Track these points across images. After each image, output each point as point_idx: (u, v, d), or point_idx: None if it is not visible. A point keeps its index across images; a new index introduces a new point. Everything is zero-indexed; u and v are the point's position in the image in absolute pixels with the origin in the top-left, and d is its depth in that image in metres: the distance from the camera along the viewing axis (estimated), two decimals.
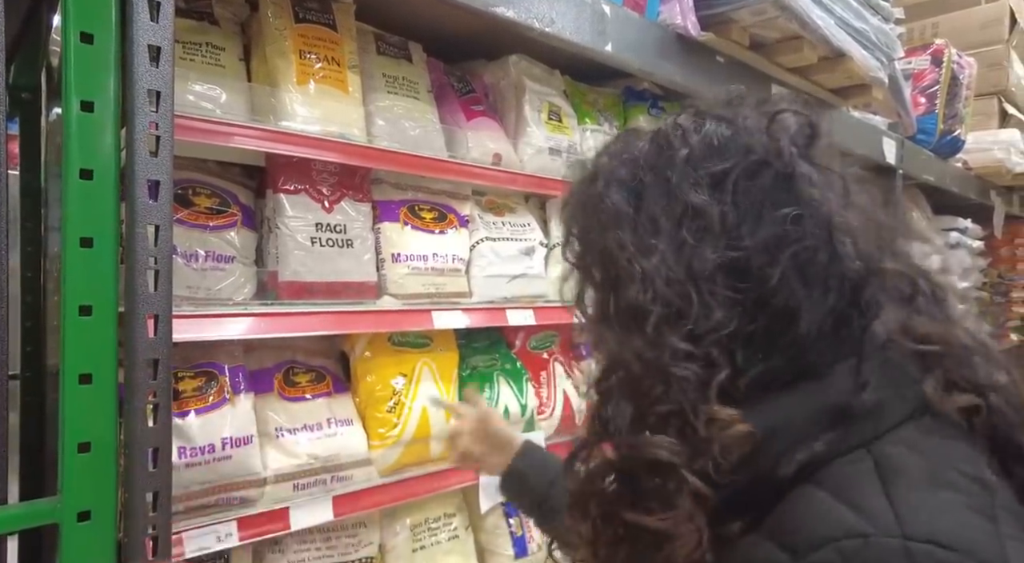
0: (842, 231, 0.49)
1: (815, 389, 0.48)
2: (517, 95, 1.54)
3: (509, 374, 1.49)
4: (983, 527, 0.42)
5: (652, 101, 1.82)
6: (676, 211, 0.50)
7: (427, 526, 1.35)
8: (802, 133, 0.54)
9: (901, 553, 0.41)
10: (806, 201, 0.49)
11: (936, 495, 0.43)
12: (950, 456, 0.46)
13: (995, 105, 3.95)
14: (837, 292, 0.49)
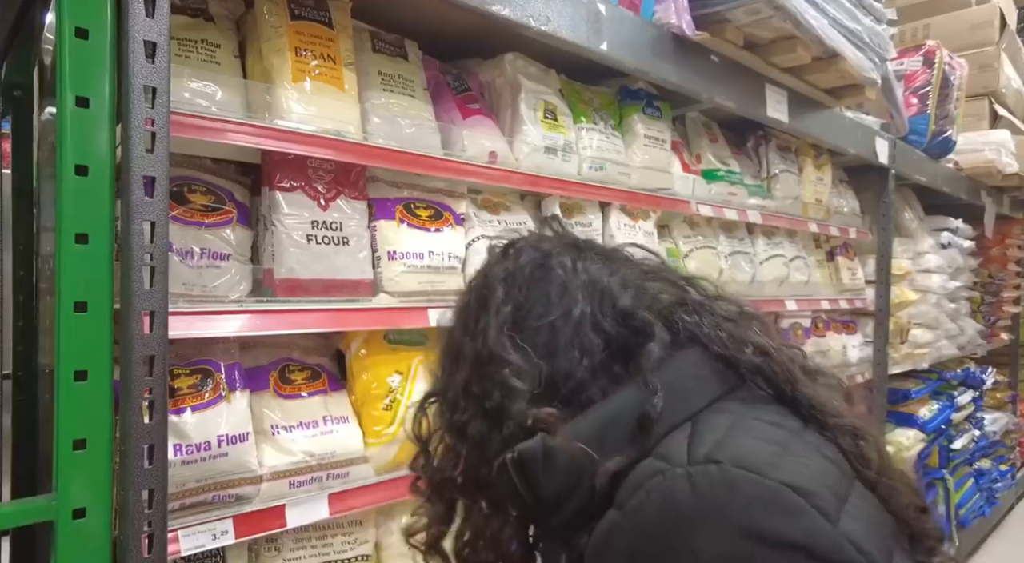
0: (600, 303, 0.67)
1: (618, 407, 0.60)
2: (513, 93, 1.54)
3: None
4: (762, 449, 0.52)
5: (647, 100, 1.83)
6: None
7: None
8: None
9: (684, 477, 0.50)
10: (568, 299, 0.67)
11: (728, 434, 0.54)
12: (753, 409, 0.58)
13: (986, 106, 3.98)
14: (606, 342, 0.65)
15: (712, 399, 0.59)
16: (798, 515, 0.47)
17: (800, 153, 2.48)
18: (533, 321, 0.66)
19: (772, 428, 0.56)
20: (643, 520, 0.51)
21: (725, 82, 1.85)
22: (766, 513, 0.47)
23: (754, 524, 0.47)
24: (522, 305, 0.67)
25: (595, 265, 0.70)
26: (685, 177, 1.93)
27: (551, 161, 1.54)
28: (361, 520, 1.26)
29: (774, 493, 0.47)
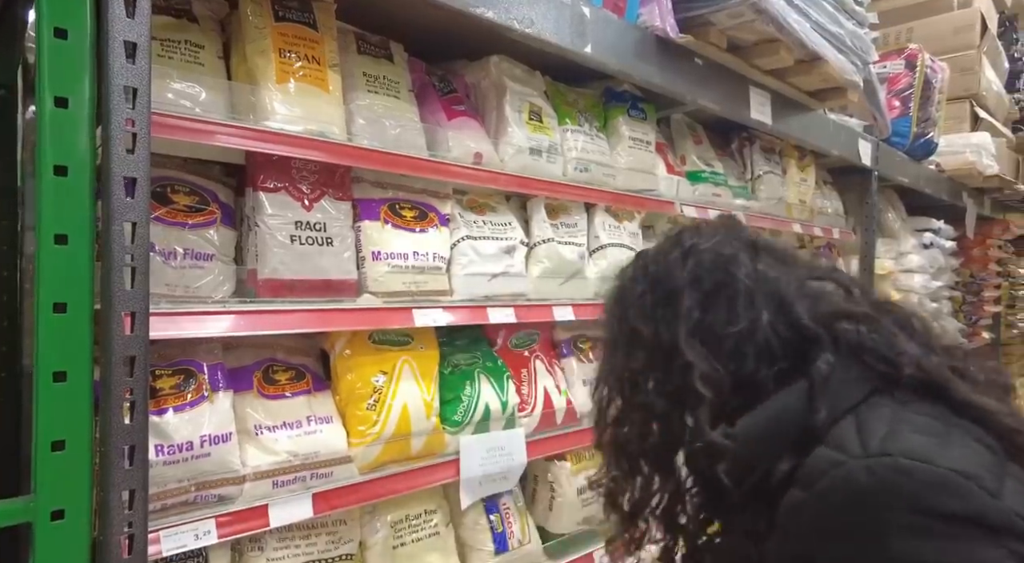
0: (785, 306, 0.73)
1: (783, 408, 0.69)
2: (498, 95, 1.55)
3: (490, 372, 1.50)
4: (927, 441, 0.59)
5: (632, 102, 1.84)
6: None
7: (408, 523, 1.35)
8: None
9: (864, 468, 0.58)
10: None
11: (892, 427, 0.61)
12: (910, 406, 0.65)
13: (967, 109, 4.04)
14: (781, 349, 0.72)
15: (868, 394, 0.67)
16: (967, 495, 0.54)
17: (784, 155, 2.51)
18: (719, 329, 0.73)
19: (929, 421, 0.63)
20: (830, 503, 0.60)
21: (709, 84, 1.87)
22: (939, 495, 0.55)
23: (930, 504, 0.55)
24: (709, 312, 0.74)
25: (772, 271, 0.76)
26: (670, 178, 1.95)
27: (536, 162, 1.55)
28: (345, 519, 1.27)
29: (943, 478, 0.55)
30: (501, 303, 1.47)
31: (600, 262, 1.72)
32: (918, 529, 0.55)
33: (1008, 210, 4.82)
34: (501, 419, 1.47)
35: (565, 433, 1.62)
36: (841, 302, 0.75)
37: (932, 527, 0.55)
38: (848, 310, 0.73)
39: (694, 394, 0.71)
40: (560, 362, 1.72)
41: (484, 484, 1.43)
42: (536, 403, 1.56)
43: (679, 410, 0.73)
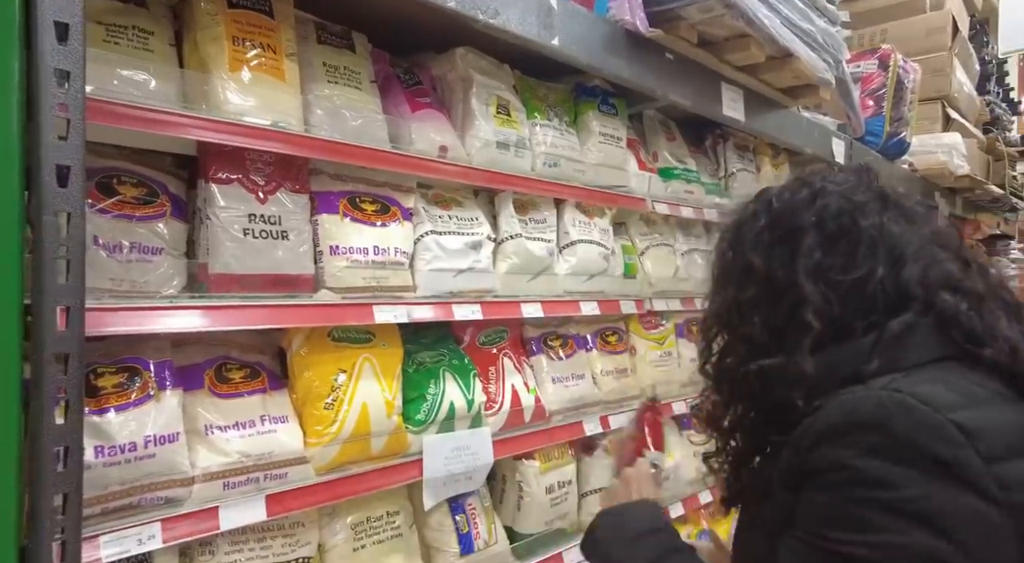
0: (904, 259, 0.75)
1: (847, 354, 0.73)
2: (464, 88, 1.52)
3: (456, 370, 1.47)
4: (948, 395, 0.62)
5: (603, 97, 1.83)
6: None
7: (369, 524, 1.32)
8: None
9: (873, 396, 0.64)
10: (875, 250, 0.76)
11: (927, 381, 0.65)
12: (970, 377, 0.67)
13: (939, 109, 4.09)
14: (884, 302, 0.74)
15: (929, 361, 0.70)
16: (956, 446, 0.58)
17: (758, 152, 2.51)
18: (836, 274, 0.75)
19: (973, 386, 0.66)
20: (832, 414, 0.66)
21: (680, 80, 1.86)
22: (927, 436, 0.59)
23: (918, 441, 0.59)
24: (829, 255, 0.75)
25: (897, 226, 0.77)
26: (641, 175, 1.94)
27: (504, 156, 1.53)
28: (303, 521, 1.23)
29: (939, 424, 0.59)
30: (467, 300, 1.45)
31: (570, 259, 1.70)
32: (890, 452, 0.60)
33: (979, 210, 4.90)
34: (467, 418, 1.44)
35: (534, 432, 1.59)
36: (954, 272, 0.75)
37: (902, 454, 0.59)
38: (955, 282, 0.74)
39: (802, 326, 0.74)
40: (530, 360, 1.70)
41: (448, 484, 1.41)
42: (504, 401, 1.54)
43: (778, 343, 0.76)
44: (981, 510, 0.57)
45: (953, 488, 0.57)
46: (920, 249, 0.76)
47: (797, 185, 0.83)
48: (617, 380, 1.85)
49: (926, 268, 0.75)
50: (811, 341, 0.73)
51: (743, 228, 0.84)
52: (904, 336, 0.71)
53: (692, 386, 2.11)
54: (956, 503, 0.57)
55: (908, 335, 0.71)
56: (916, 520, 0.57)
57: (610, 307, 1.82)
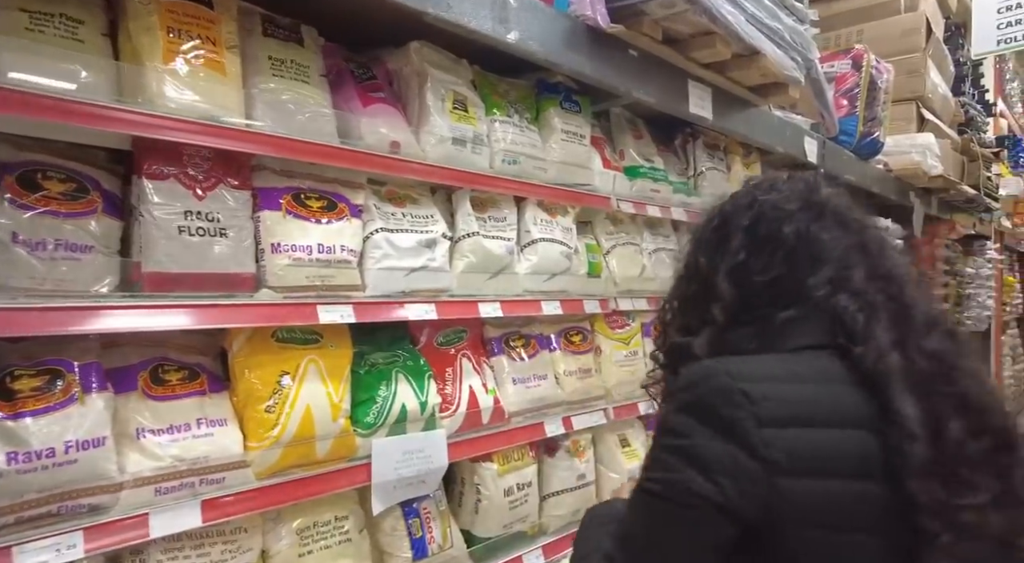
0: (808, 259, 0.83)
1: (734, 336, 0.83)
2: (419, 83, 1.49)
3: (410, 371, 1.44)
4: (758, 370, 0.74)
5: (565, 94, 1.80)
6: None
7: (316, 529, 1.29)
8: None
9: (699, 366, 0.76)
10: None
11: (759, 360, 0.77)
12: (811, 357, 0.77)
13: (914, 110, 4.12)
14: (784, 301, 0.83)
15: (797, 348, 0.78)
16: (735, 408, 0.70)
17: (729, 151, 2.50)
18: (754, 275, 0.83)
19: (806, 369, 0.75)
20: (676, 381, 0.79)
21: (645, 77, 1.84)
22: (718, 399, 0.71)
23: (711, 402, 0.72)
24: (752, 257, 0.83)
25: (827, 233, 0.83)
26: (606, 173, 1.92)
27: (460, 153, 1.50)
28: (246, 527, 1.20)
29: (730, 390, 0.71)
30: (421, 299, 1.42)
31: (531, 257, 1.68)
32: (689, 409, 0.73)
33: (955, 210, 4.94)
34: (420, 420, 1.41)
35: (492, 433, 1.57)
36: (857, 278, 0.80)
37: (696, 411, 0.72)
38: (854, 287, 0.80)
39: (710, 320, 0.84)
40: (490, 360, 1.67)
41: (400, 488, 1.38)
42: (460, 403, 1.51)
43: (687, 318, 0.89)
44: (742, 461, 0.68)
45: (724, 441, 0.69)
46: (841, 255, 0.82)
47: (744, 191, 0.91)
48: (581, 380, 1.83)
49: (838, 272, 0.81)
50: (713, 330, 0.84)
51: (701, 229, 0.92)
52: (785, 325, 0.80)
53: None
54: (723, 452, 0.69)
55: (790, 325, 0.80)
56: (691, 462, 0.70)
57: (573, 307, 1.80)
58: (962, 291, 5.42)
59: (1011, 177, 6.91)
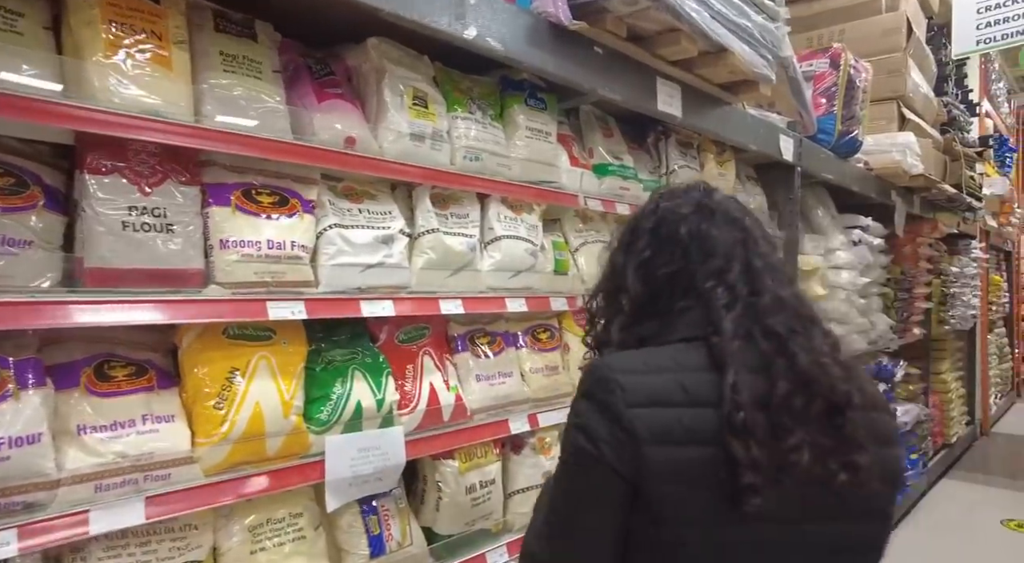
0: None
1: (643, 329, 0.96)
2: (378, 79, 1.49)
3: (368, 368, 1.44)
4: (635, 363, 0.88)
5: (530, 91, 1.80)
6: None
7: (269, 526, 1.28)
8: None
9: (592, 364, 0.91)
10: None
11: (638, 354, 0.91)
12: (680, 353, 0.89)
13: (895, 109, 4.14)
14: (680, 292, 0.95)
15: (682, 339, 0.91)
16: (610, 394, 0.85)
17: (702, 149, 2.50)
18: (657, 270, 0.96)
19: (672, 364, 0.88)
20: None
21: (611, 75, 1.84)
22: (599, 388, 0.86)
23: (594, 390, 0.87)
24: (655, 254, 0.96)
25: (717, 230, 0.95)
26: (573, 171, 1.92)
27: (419, 149, 1.50)
28: (196, 524, 1.19)
29: (608, 380, 0.85)
30: (378, 296, 1.41)
31: (494, 255, 1.67)
32: (582, 396, 0.89)
33: (938, 210, 4.95)
34: (376, 417, 1.40)
35: (453, 431, 1.56)
36: (732, 272, 0.92)
37: (586, 398, 0.88)
38: (728, 280, 0.92)
39: (618, 310, 0.99)
40: (454, 358, 1.67)
41: (355, 486, 1.37)
42: (419, 400, 1.50)
43: (605, 314, 1.04)
44: (615, 432, 0.84)
45: (602, 417, 0.85)
46: (727, 250, 0.94)
47: (650, 199, 1.04)
48: (547, 378, 1.83)
49: (722, 264, 0.93)
50: (624, 319, 0.97)
51: (621, 233, 1.05)
52: (675, 318, 0.94)
53: None
54: (600, 425, 0.85)
55: (678, 317, 0.93)
56: (581, 432, 0.87)
57: (539, 304, 1.79)
58: (946, 290, 5.45)
59: (997, 177, 6.95)
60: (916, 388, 4.83)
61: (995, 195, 6.65)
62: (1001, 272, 8.26)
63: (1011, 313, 8.64)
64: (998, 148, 7.65)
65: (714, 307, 0.90)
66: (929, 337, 5.03)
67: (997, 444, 6.41)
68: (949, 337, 5.96)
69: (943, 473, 5.27)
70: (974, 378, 6.48)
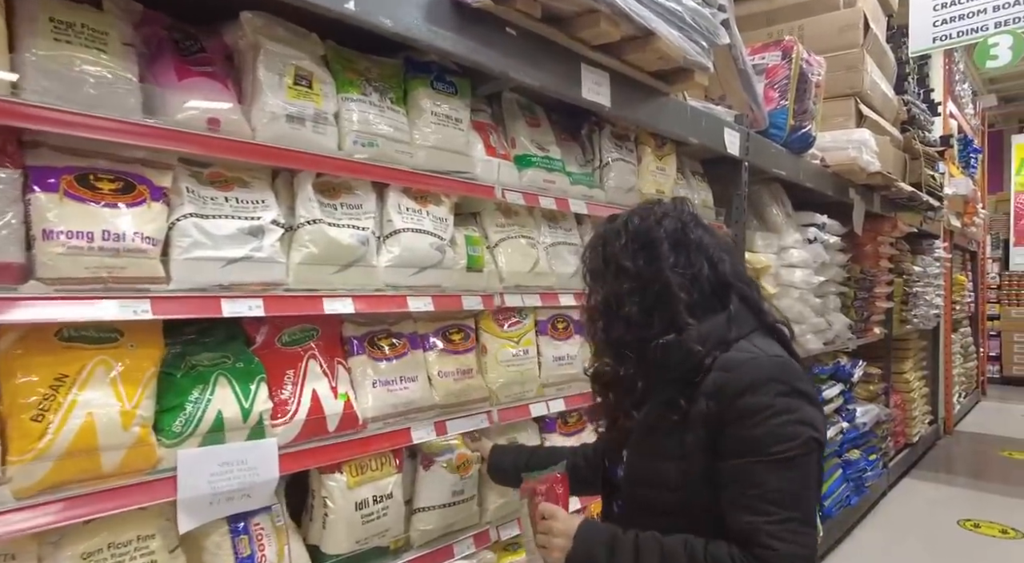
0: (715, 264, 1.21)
1: (714, 326, 1.17)
2: (253, 56, 1.36)
3: (237, 374, 1.30)
4: (783, 352, 1.17)
5: (437, 74, 1.68)
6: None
7: (111, 552, 1.14)
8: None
9: (769, 359, 1.12)
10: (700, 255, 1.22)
11: (769, 346, 1.16)
12: (765, 336, 1.19)
13: (852, 106, 4.08)
14: (718, 286, 1.21)
15: (752, 330, 1.18)
16: (807, 383, 1.10)
17: (640, 142, 2.40)
18: (682, 269, 1.17)
19: (779, 347, 1.18)
20: (747, 375, 1.08)
21: (526, 58, 1.73)
22: (799, 379, 1.10)
23: (795, 382, 1.09)
24: (678, 257, 1.18)
25: (707, 238, 1.22)
26: (489, 161, 1.80)
27: (298, 132, 1.37)
28: (14, 553, 1.05)
29: (800, 371, 1.12)
30: (244, 293, 1.28)
31: (392, 249, 1.55)
32: (789, 392, 1.07)
33: (899, 208, 4.92)
34: (242, 429, 1.27)
35: (341, 442, 1.43)
36: (741, 269, 1.27)
37: (793, 392, 1.07)
38: (742, 275, 1.25)
39: (673, 301, 1.15)
40: (348, 361, 1.54)
41: (219, 504, 1.24)
42: (298, 409, 1.37)
43: (651, 318, 1.17)
44: (819, 414, 1.09)
45: (811, 405, 1.08)
46: (718, 253, 1.21)
47: (645, 212, 1.24)
48: (458, 382, 1.71)
49: (729, 266, 1.22)
50: (685, 313, 1.14)
51: (609, 242, 1.23)
52: (739, 314, 1.18)
53: (553, 387, 1.98)
54: (813, 412, 1.08)
55: (740, 313, 1.18)
56: (805, 424, 1.05)
57: (449, 303, 1.67)
58: (909, 289, 5.43)
59: (961, 177, 6.98)
60: (876, 388, 4.79)
61: (958, 195, 6.68)
62: (966, 272, 8.32)
63: (976, 312, 8.71)
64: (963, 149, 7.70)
65: (754, 302, 1.21)
66: (891, 336, 4.99)
67: (960, 443, 6.43)
68: (913, 336, 5.95)
69: (904, 473, 5.25)
70: (937, 377, 6.49)
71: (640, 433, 1.22)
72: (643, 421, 1.21)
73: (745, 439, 1.05)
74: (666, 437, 1.15)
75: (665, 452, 1.15)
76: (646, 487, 1.19)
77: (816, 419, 1.06)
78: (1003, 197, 10.56)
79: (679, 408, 1.12)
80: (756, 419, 1.04)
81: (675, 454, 1.13)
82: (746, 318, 1.18)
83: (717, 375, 1.10)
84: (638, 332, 1.16)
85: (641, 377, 1.19)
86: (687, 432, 1.11)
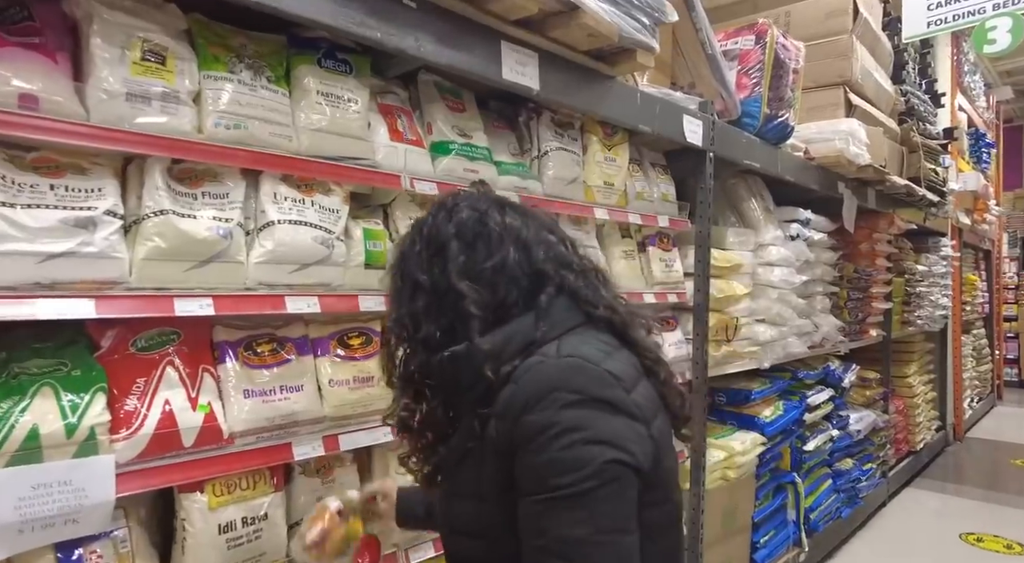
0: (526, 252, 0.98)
1: (518, 327, 0.94)
2: (87, 26, 1.21)
3: (68, 384, 1.16)
4: (599, 353, 0.89)
5: (326, 51, 1.52)
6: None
7: None
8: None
9: (555, 364, 0.87)
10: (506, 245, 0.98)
11: (580, 344, 0.91)
12: (596, 335, 0.95)
13: (841, 95, 3.86)
14: (523, 282, 0.97)
15: (573, 327, 0.95)
16: (611, 386, 0.85)
17: (586, 130, 2.23)
18: (479, 266, 0.94)
19: (604, 344, 0.93)
20: (529, 385, 0.85)
21: (430, 33, 1.56)
22: (595, 384, 0.84)
23: (588, 389, 0.84)
24: (472, 254, 0.95)
25: (517, 222, 0.98)
26: (394, 147, 1.64)
27: (141, 113, 1.22)
28: None
29: (601, 374, 0.86)
30: (70, 293, 1.13)
31: (266, 243, 1.39)
32: (578, 402, 0.82)
33: (899, 204, 4.67)
34: (67, 446, 1.12)
35: (199, 459, 1.28)
36: (565, 253, 1.01)
37: (585, 402, 0.82)
38: (568, 260, 1.00)
39: (466, 316, 0.92)
40: (216, 369, 1.39)
41: (36, 532, 1.09)
42: (145, 422, 1.22)
43: (453, 336, 0.93)
44: (633, 426, 0.85)
45: (616, 416, 0.83)
46: (536, 236, 0.99)
47: (436, 209, 1.02)
48: (354, 391, 1.55)
49: (547, 250, 0.98)
50: (478, 325, 0.91)
51: (405, 254, 1.01)
52: (550, 309, 0.94)
53: None
54: (620, 425, 0.83)
55: (553, 308, 0.95)
56: (604, 444, 0.80)
57: (343, 304, 1.51)
58: (911, 289, 5.17)
59: (971, 172, 6.68)
60: (874, 393, 4.54)
61: (967, 191, 6.39)
62: (979, 271, 7.99)
63: (991, 313, 8.36)
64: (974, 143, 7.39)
65: (578, 291, 0.97)
66: (890, 339, 4.73)
67: (970, 450, 6.12)
68: (917, 339, 5.68)
69: (907, 482, 4.99)
70: (945, 381, 6.19)
71: (445, 471, 0.99)
72: (448, 456, 0.97)
73: (527, 469, 0.81)
74: (466, 471, 0.92)
75: (462, 490, 0.93)
76: (453, 534, 0.98)
77: (620, 434, 0.80)
78: (1021, 194, 10.16)
79: (474, 433, 0.90)
80: (538, 442, 0.79)
81: (472, 492, 0.91)
82: (567, 313, 0.94)
83: (507, 389, 0.87)
84: (435, 355, 0.94)
85: (443, 406, 0.96)
86: (483, 464, 0.88)
